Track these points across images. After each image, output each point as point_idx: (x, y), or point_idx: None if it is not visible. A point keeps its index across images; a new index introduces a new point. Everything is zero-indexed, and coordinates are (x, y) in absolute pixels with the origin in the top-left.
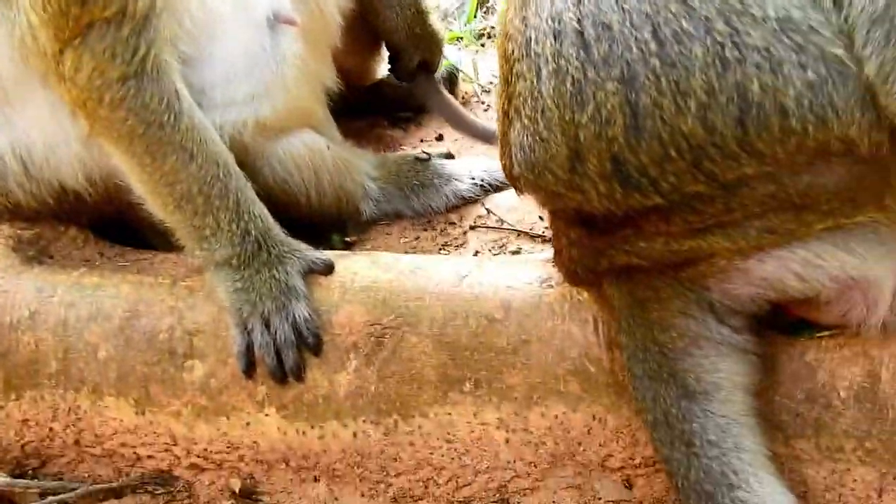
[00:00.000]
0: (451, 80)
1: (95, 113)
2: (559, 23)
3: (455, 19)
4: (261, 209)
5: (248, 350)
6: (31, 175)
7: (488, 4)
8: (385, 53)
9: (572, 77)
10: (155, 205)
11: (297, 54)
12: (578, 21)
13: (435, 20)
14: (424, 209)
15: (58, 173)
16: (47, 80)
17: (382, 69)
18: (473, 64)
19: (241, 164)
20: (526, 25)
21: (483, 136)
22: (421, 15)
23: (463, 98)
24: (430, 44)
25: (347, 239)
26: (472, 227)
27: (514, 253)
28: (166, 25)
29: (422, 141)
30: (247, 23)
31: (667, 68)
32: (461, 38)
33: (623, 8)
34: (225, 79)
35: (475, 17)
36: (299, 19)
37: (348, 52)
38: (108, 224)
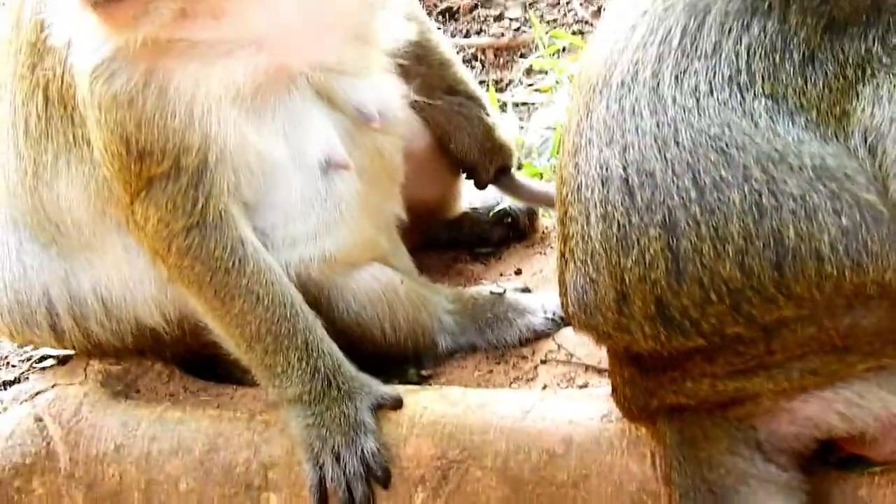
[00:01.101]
0: (531, 215)
1: (166, 260)
2: (606, 170)
3: (538, 156)
4: (330, 346)
5: (321, 484)
6: (111, 315)
7: None
8: (466, 185)
9: (618, 222)
10: (229, 344)
11: (356, 194)
12: (624, 169)
13: (503, 129)
14: (498, 342)
15: (135, 313)
16: (123, 227)
17: (464, 202)
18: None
19: (312, 300)
20: (577, 171)
21: None
22: (490, 129)
23: (542, 233)
24: (502, 153)
25: (423, 372)
26: (542, 362)
27: (581, 387)
28: (222, 176)
29: (501, 275)
30: (301, 169)
31: (706, 215)
32: (542, 175)
33: (665, 157)
34: (285, 221)
35: (557, 153)
36: (354, 162)
37: (426, 184)
38: (194, 357)
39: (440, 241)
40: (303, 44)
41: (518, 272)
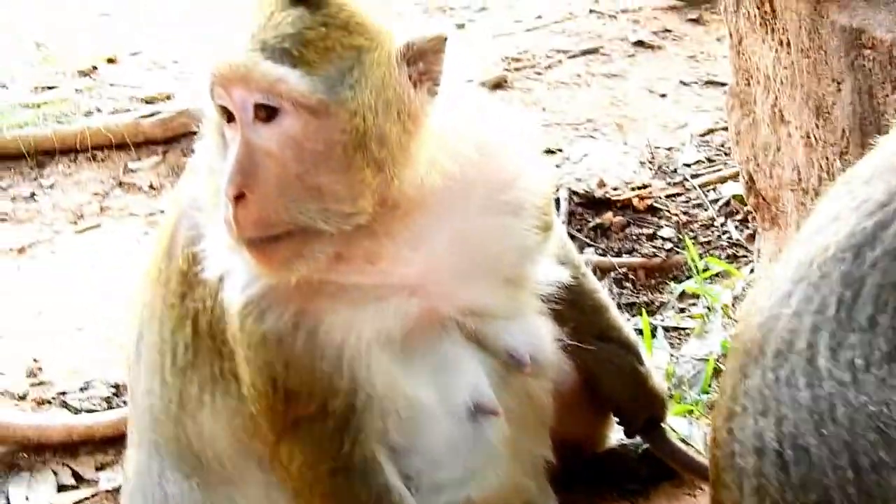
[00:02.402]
0: None
1: (310, 502)
2: (761, 441)
3: (689, 387)
4: None
5: None
6: None
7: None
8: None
9: (772, 497)
10: None
11: (504, 439)
12: (779, 442)
13: (656, 380)
14: None
15: None
16: (265, 463)
17: (614, 437)
18: (705, 438)
19: None
20: (732, 437)
21: None
22: (642, 379)
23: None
24: (654, 404)
25: None
26: None
27: None
28: (370, 421)
29: None
30: (449, 414)
31: (863, 497)
32: (692, 411)
33: (821, 433)
34: (430, 467)
35: (709, 386)
36: (503, 406)
37: (574, 423)
38: None
39: (586, 477)
40: (455, 289)
41: None
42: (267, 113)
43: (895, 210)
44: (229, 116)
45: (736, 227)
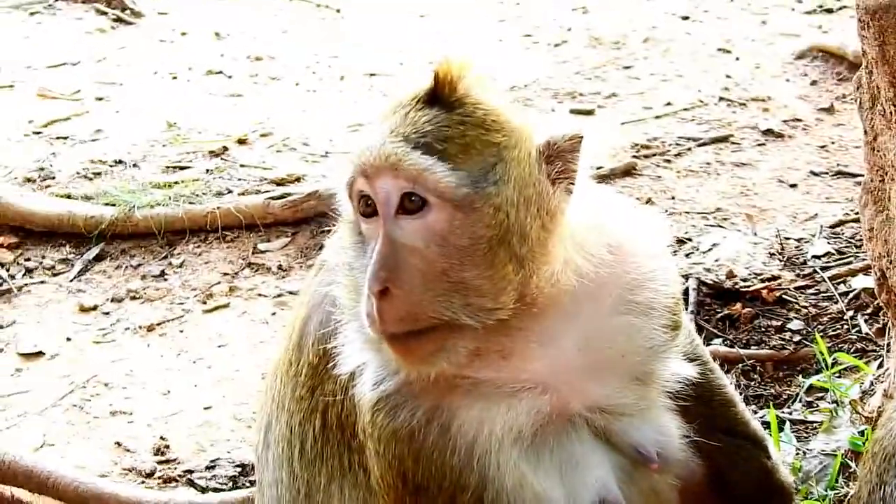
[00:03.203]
0: None
1: None
2: None
3: (816, 483)
4: None
5: None
6: None
7: (850, 470)
8: None
9: None
10: None
11: None
12: None
13: (783, 474)
14: None
15: None
16: None
17: None
18: None
19: None
20: None
21: None
22: (769, 473)
23: None
24: (780, 497)
25: None
26: None
27: None
28: None
29: None
30: None
31: None
32: None
33: None
34: None
35: (836, 482)
36: (628, 502)
37: None
38: None
39: None
40: (584, 387)
41: None
42: (411, 206)
43: None
44: (367, 212)
45: (866, 321)
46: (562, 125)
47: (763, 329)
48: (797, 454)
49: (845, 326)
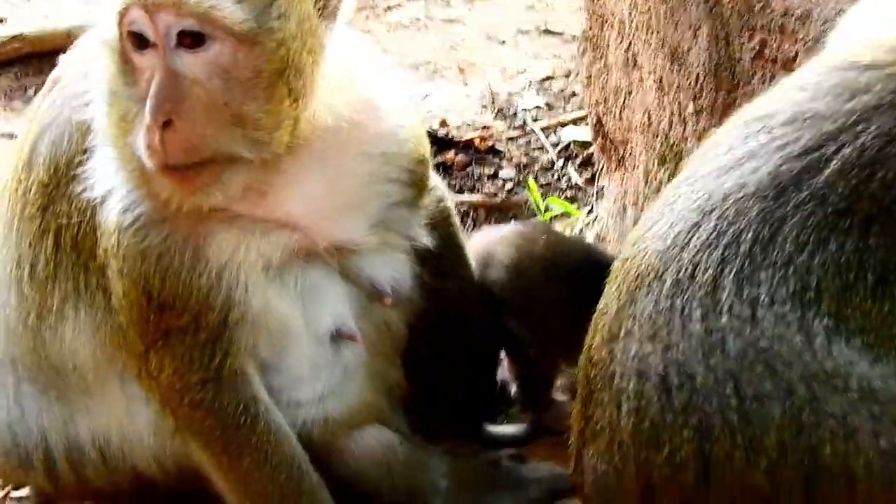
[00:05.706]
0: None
1: (177, 411)
2: (645, 364)
3: None
4: None
5: None
6: (108, 463)
7: None
8: None
9: (652, 419)
10: (232, 499)
11: (362, 362)
12: (664, 367)
13: None
14: None
15: (133, 462)
16: (126, 377)
17: None
18: None
19: (313, 460)
20: (611, 358)
21: None
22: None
23: None
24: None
25: None
26: None
27: None
28: (241, 336)
29: None
30: (313, 337)
31: (743, 424)
32: None
33: (709, 363)
34: (293, 384)
35: None
36: (362, 333)
37: None
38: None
39: None
40: (330, 227)
41: None
42: (192, 40)
43: (823, 156)
44: (140, 43)
45: (576, 171)
46: None
47: (476, 176)
48: None
49: (556, 175)
